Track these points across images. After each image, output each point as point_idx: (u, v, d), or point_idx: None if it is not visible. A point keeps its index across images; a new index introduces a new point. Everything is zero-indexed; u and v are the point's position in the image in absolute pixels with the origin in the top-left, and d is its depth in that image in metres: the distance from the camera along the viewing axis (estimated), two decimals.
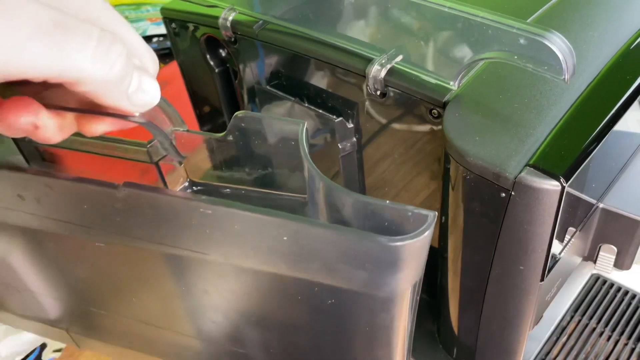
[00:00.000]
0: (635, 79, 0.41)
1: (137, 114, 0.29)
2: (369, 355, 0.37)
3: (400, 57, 0.43)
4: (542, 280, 0.40)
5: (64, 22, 0.25)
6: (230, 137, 0.35)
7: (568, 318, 0.61)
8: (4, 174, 0.35)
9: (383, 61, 0.43)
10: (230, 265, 0.34)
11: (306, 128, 0.33)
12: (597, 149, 0.37)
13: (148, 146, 0.36)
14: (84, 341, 0.51)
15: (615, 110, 0.39)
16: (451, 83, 0.41)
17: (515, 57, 0.36)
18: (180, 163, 0.37)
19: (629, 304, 0.62)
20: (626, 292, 0.63)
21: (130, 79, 0.28)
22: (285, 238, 0.30)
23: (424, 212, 0.28)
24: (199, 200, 0.31)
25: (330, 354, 0.39)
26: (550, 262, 0.40)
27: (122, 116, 0.29)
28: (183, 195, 0.32)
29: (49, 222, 0.32)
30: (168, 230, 0.34)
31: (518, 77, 0.42)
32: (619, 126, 0.39)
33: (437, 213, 0.29)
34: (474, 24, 0.37)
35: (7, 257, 0.44)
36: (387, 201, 0.29)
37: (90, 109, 0.29)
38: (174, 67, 0.69)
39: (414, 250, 0.29)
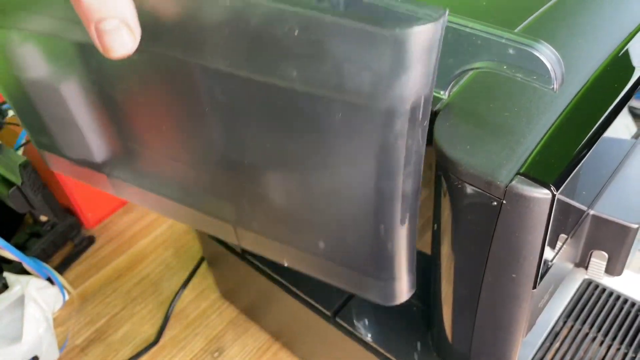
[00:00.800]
0: (624, 87, 0.41)
1: None
2: (373, 191, 0.36)
3: None
4: (534, 287, 0.40)
5: None
6: None
7: (561, 323, 0.61)
8: None
9: None
10: (247, 79, 0.35)
11: None
12: (586, 156, 0.37)
13: None
14: (122, 188, 0.52)
15: (604, 118, 0.39)
16: (442, 92, 0.41)
17: (505, 66, 0.36)
18: None
19: (621, 308, 0.62)
20: (618, 297, 0.63)
21: None
22: (296, 32, 0.30)
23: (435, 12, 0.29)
24: None
25: (336, 186, 0.38)
26: (542, 269, 0.40)
27: None
28: None
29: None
30: (193, 33, 0.35)
31: (508, 86, 0.42)
32: (609, 132, 0.40)
33: (448, 11, 0.29)
34: (463, 34, 0.37)
35: (55, 82, 0.46)
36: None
37: None
38: None
39: (419, 46, 0.28)
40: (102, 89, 0.45)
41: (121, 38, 0.31)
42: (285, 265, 0.46)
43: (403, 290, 0.43)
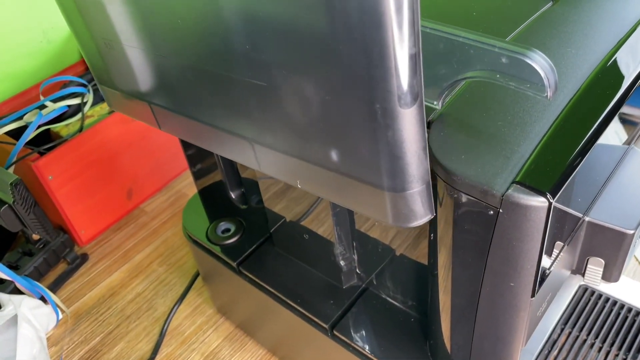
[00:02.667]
0: (615, 94, 0.41)
1: None
2: (360, 57, 0.31)
3: None
4: (532, 296, 0.40)
5: None
6: None
7: (558, 331, 0.61)
8: None
9: None
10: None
11: None
12: (581, 163, 0.37)
13: None
14: (164, 117, 0.55)
15: (597, 125, 0.39)
16: (435, 103, 0.41)
17: (498, 75, 0.36)
18: None
19: (618, 314, 0.62)
20: (615, 303, 0.63)
21: None
22: None
23: None
24: None
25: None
26: (540, 277, 0.40)
27: None
28: None
29: None
30: None
31: (501, 95, 0.42)
32: (602, 139, 0.40)
33: None
34: (456, 44, 0.37)
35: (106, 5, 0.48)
36: None
37: None
38: None
39: None
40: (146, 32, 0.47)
41: None
42: (299, 186, 0.44)
43: (417, 207, 0.38)
